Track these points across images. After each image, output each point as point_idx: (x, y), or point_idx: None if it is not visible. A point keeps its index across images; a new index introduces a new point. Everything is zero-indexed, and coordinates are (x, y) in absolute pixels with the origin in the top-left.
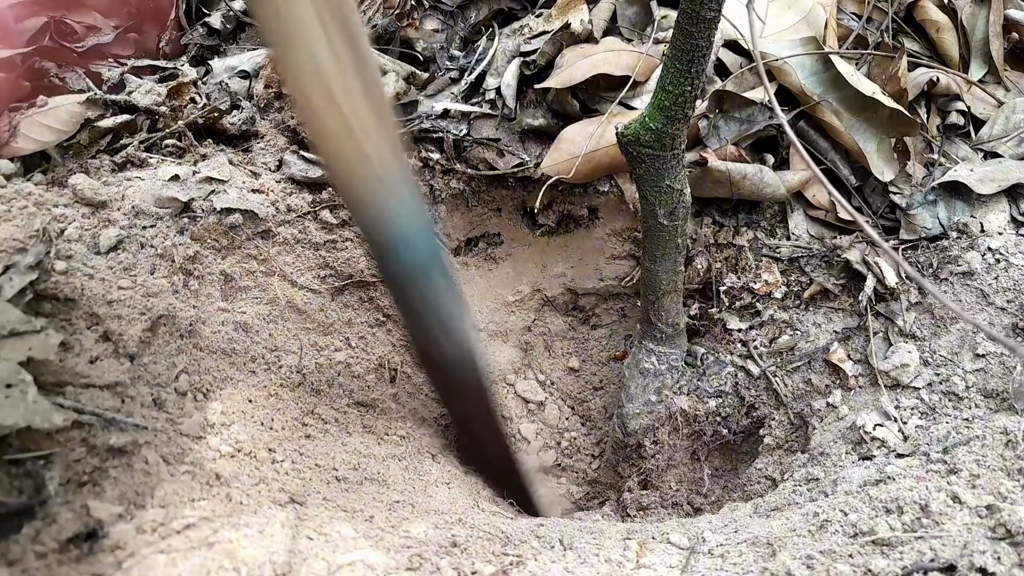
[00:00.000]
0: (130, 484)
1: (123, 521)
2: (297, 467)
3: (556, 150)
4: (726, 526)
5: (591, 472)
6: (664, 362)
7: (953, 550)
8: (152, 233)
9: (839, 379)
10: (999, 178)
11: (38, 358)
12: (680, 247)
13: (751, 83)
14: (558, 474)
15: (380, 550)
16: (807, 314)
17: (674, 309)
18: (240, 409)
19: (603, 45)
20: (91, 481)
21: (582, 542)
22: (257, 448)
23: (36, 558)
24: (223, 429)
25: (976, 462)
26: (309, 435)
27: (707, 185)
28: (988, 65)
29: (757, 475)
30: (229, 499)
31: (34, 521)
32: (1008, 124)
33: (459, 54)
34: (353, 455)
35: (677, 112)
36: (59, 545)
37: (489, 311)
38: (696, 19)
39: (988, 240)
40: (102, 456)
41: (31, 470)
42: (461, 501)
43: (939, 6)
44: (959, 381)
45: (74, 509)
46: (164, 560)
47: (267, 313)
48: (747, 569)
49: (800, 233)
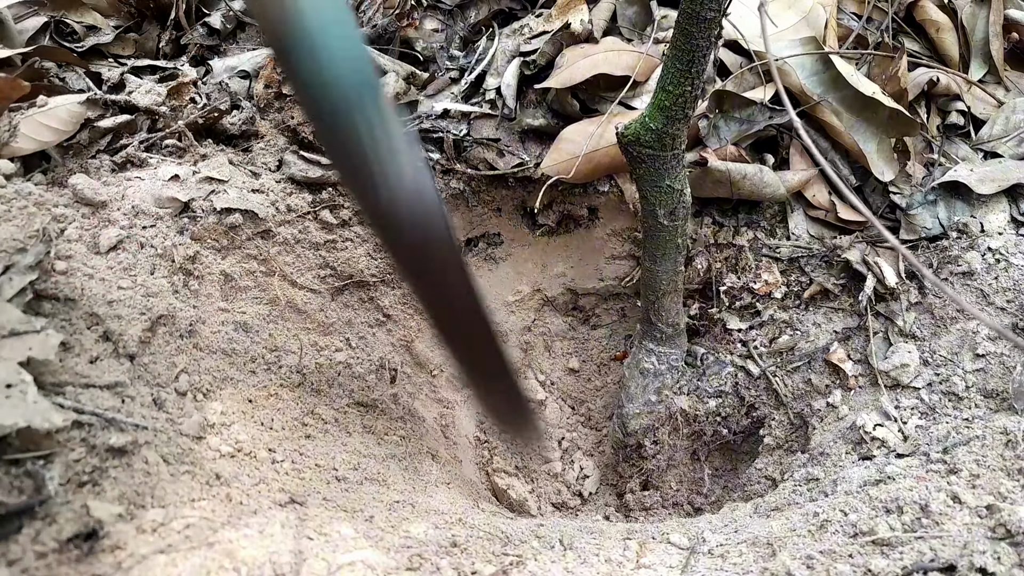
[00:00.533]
0: (130, 484)
1: (123, 521)
2: (297, 467)
3: (556, 150)
4: (726, 526)
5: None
6: (664, 362)
7: (953, 550)
8: (152, 233)
9: (839, 379)
10: (999, 178)
11: (38, 358)
12: (680, 247)
13: (751, 83)
14: None
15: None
16: (807, 314)
17: (674, 309)
18: (240, 409)
19: (603, 45)
20: (91, 481)
21: (582, 542)
22: (257, 448)
23: (36, 558)
24: (223, 429)
25: (976, 462)
26: (309, 435)
27: (707, 185)
28: (988, 65)
29: (757, 475)
30: (229, 499)
31: (34, 521)
32: (1008, 124)
33: (459, 54)
34: (353, 455)
35: (677, 112)
36: (59, 545)
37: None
38: (696, 19)
39: (988, 240)
40: (102, 456)
41: (31, 470)
42: (461, 501)
43: (939, 6)
44: (959, 381)
45: (74, 509)
46: (164, 560)
47: (267, 313)
48: (747, 569)
49: (800, 233)
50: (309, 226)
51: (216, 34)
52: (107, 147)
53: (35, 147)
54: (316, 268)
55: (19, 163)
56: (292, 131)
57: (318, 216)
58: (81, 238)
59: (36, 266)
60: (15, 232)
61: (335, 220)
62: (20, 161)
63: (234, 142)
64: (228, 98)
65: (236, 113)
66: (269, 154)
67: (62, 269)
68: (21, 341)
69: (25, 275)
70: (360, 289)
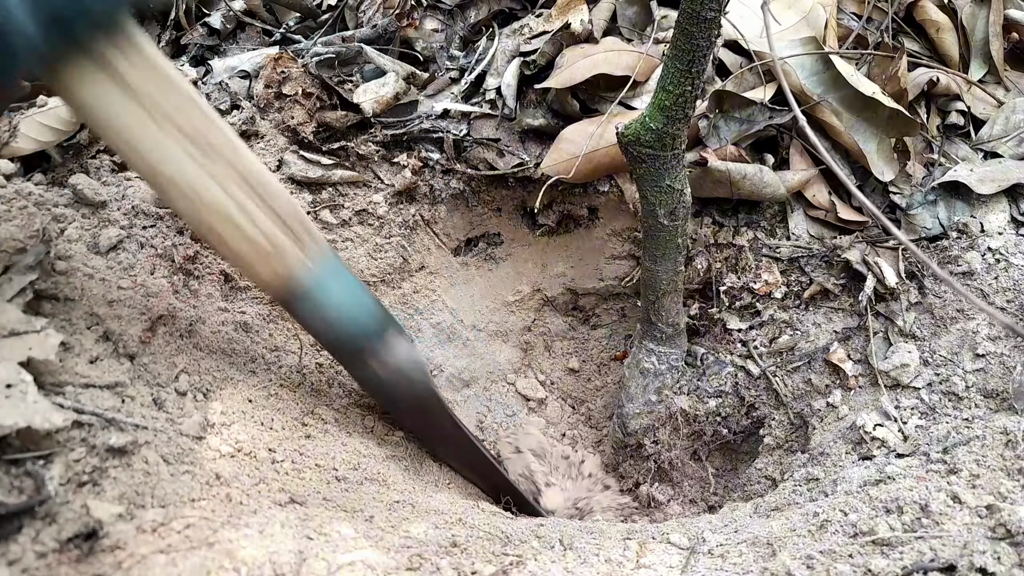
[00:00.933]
0: (130, 484)
1: (123, 521)
2: (297, 467)
3: (556, 150)
4: (726, 526)
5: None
6: (664, 362)
7: (953, 550)
8: (152, 233)
9: (839, 379)
10: (999, 178)
11: (38, 358)
12: (680, 247)
13: (751, 83)
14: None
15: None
16: (807, 314)
17: (674, 309)
18: (240, 409)
19: (603, 45)
20: (91, 481)
21: (582, 542)
22: (257, 448)
23: (36, 558)
24: (223, 429)
25: (976, 462)
26: (309, 435)
27: (707, 185)
28: (988, 65)
29: (757, 475)
30: (229, 499)
31: (34, 521)
32: (1008, 124)
33: (459, 54)
34: (353, 455)
35: (677, 112)
36: (59, 545)
37: (489, 311)
38: (697, 19)
39: (988, 240)
40: (102, 456)
41: (31, 470)
42: (461, 501)
43: (939, 6)
44: (959, 381)
45: (74, 509)
46: (164, 560)
47: (267, 313)
48: (747, 569)
49: (800, 233)
50: None
51: (216, 34)
52: (107, 147)
53: (35, 147)
54: None
55: (19, 163)
56: (292, 131)
57: (318, 216)
58: (81, 238)
59: (36, 266)
60: (15, 232)
61: (335, 220)
62: (20, 161)
63: None
64: (228, 98)
65: (236, 113)
66: (269, 154)
67: (62, 269)
68: (21, 341)
69: (25, 275)
70: None
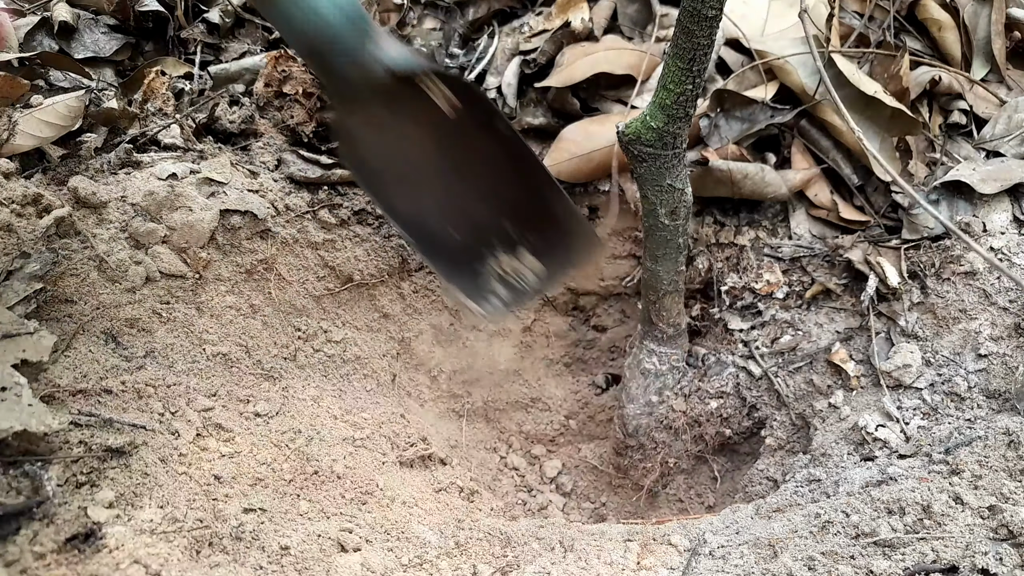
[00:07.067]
0: (128, 485)
1: (121, 522)
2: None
3: (556, 149)
4: (727, 527)
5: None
6: (665, 362)
7: (955, 551)
8: None
9: (841, 379)
10: (1001, 177)
11: (31, 360)
12: (681, 247)
13: (752, 82)
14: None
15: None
16: (809, 314)
17: (675, 309)
18: (239, 410)
19: (604, 43)
20: (89, 482)
21: (582, 544)
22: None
23: (34, 558)
24: (222, 430)
25: (978, 463)
26: None
27: (708, 184)
28: (990, 64)
29: (758, 476)
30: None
31: (32, 522)
32: (1010, 123)
33: (459, 52)
34: None
35: (678, 111)
36: (57, 546)
37: None
38: (698, 17)
39: (990, 240)
40: (100, 457)
41: (29, 471)
42: (461, 501)
43: (941, 5)
44: (961, 382)
45: (72, 510)
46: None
47: (267, 313)
48: (748, 571)
49: (802, 233)
50: (308, 226)
51: (216, 30)
52: (106, 146)
53: (34, 144)
54: (315, 268)
55: (16, 160)
56: (291, 130)
57: (317, 216)
58: (81, 238)
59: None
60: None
61: (334, 220)
62: (18, 159)
63: (233, 140)
64: (227, 96)
65: (235, 110)
66: (268, 153)
67: (62, 269)
68: (14, 343)
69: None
70: (360, 289)
